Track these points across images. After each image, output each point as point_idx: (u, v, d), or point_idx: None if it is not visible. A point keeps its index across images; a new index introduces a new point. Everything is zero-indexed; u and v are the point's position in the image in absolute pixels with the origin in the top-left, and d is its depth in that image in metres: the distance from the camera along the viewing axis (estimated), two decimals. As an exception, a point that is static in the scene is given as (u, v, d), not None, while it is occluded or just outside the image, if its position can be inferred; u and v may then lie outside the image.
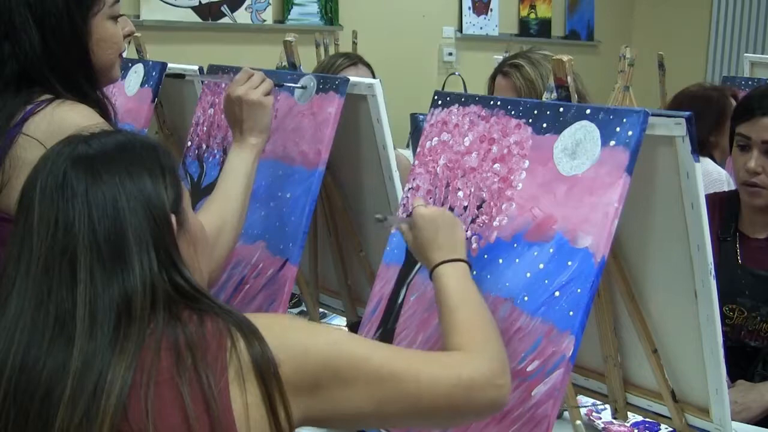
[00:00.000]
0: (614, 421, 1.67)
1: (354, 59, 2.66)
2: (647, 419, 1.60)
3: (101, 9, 1.54)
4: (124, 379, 0.98)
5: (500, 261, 1.37)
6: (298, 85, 1.79)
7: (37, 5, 1.48)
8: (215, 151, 1.97)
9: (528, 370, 1.26)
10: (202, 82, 2.12)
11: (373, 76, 2.61)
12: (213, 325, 1.05)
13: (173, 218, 1.09)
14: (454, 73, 5.88)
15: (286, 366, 1.03)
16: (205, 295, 1.10)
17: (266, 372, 1.02)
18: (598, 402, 1.62)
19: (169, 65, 2.23)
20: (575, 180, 1.31)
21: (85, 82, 1.53)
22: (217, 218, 1.53)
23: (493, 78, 2.48)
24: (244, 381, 1.01)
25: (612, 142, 1.27)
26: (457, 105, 1.55)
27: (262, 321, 1.08)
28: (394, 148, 1.75)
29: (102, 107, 1.54)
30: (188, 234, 1.14)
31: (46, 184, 1.06)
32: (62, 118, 1.44)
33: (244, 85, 1.64)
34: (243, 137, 1.63)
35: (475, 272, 1.40)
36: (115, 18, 1.57)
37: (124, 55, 1.69)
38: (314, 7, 5.58)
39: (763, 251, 1.98)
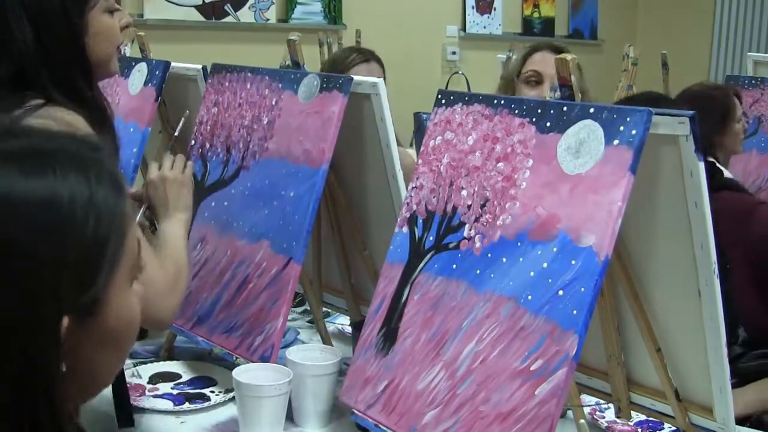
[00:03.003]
0: (618, 420, 1.67)
1: (367, 56, 2.66)
2: (651, 418, 1.60)
3: (97, 2, 1.52)
4: None
5: (504, 260, 1.37)
6: None
7: (31, 3, 1.46)
8: (219, 150, 1.97)
9: (531, 369, 1.27)
10: (206, 81, 2.12)
11: (384, 72, 2.61)
12: None
13: (65, 320, 0.72)
14: (457, 72, 5.87)
15: None
16: None
17: None
18: (602, 401, 1.62)
19: (173, 64, 2.24)
20: (579, 179, 1.31)
21: (81, 79, 1.51)
22: (171, 264, 1.58)
23: (525, 57, 2.51)
24: None
25: (615, 141, 1.28)
26: (460, 104, 1.55)
27: None
28: (400, 146, 1.76)
29: (98, 107, 1.52)
30: (101, 327, 0.76)
31: None
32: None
33: (161, 169, 1.76)
34: (172, 213, 1.72)
35: (479, 271, 1.40)
36: (111, 11, 1.56)
37: (128, 53, 1.69)
38: (317, 6, 5.58)
39: None
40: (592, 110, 1.33)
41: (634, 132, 1.26)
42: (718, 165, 2.38)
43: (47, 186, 0.71)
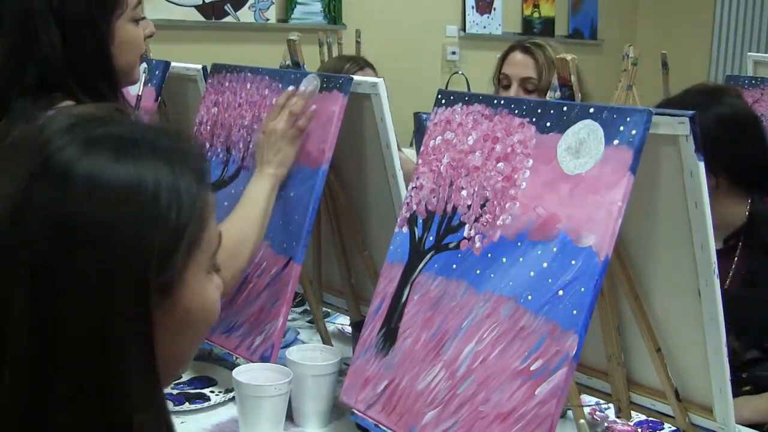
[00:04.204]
0: (618, 420, 1.67)
1: (361, 64, 2.68)
2: (651, 418, 1.60)
3: (124, 12, 1.54)
4: None
5: (504, 260, 1.37)
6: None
7: (59, 8, 1.48)
8: (218, 150, 1.97)
9: (532, 368, 1.27)
10: (206, 81, 2.12)
11: (376, 76, 2.62)
12: None
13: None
14: (457, 72, 5.88)
15: None
16: None
17: None
18: (602, 401, 1.62)
19: (173, 64, 2.24)
20: (579, 179, 1.31)
21: (105, 86, 1.53)
22: (238, 230, 1.61)
23: (504, 57, 2.50)
24: None
25: (616, 141, 1.28)
26: (460, 104, 1.55)
27: None
28: (400, 152, 1.76)
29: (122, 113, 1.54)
30: (178, 309, 0.79)
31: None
32: None
33: (274, 120, 1.73)
34: (263, 168, 1.72)
35: (478, 271, 1.40)
36: (136, 20, 1.57)
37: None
38: (317, 6, 5.59)
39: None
40: (592, 110, 1.33)
41: (634, 132, 1.26)
42: None
43: (136, 171, 0.76)
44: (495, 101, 1.49)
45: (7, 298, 0.72)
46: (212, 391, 1.78)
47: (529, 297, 1.31)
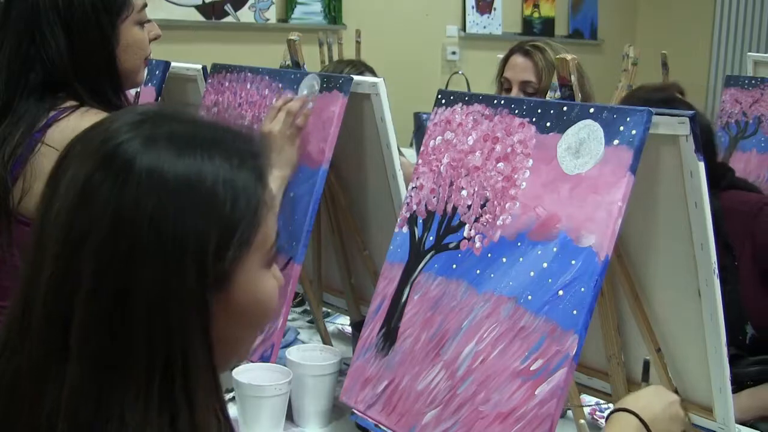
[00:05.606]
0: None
1: (360, 68, 2.69)
2: (651, 418, 1.60)
3: (129, 15, 1.55)
4: None
5: (504, 260, 1.37)
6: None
7: (65, 11, 1.49)
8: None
9: (532, 369, 1.27)
10: (206, 81, 2.12)
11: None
12: None
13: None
14: (457, 72, 5.87)
15: None
16: None
17: None
18: (602, 401, 1.62)
19: (173, 64, 2.24)
20: (579, 179, 1.31)
21: (109, 88, 1.54)
22: None
23: (505, 59, 2.50)
24: None
25: (616, 141, 1.28)
26: (460, 104, 1.55)
27: None
28: (401, 155, 1.76)
29: None
30: (233, 299, 0.82)
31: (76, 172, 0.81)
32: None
33: (272, 122, 1.71)
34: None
35: (479, 271, 1.40)
36: (142, 23, 1.58)
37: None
38: (318, 6, 5.58)
39: None
40: (592, 110, 1.33)
41: (634, 132, 1.26)
42: (729, 165, 2.37)
43: (195, 166, 0.79)
44: (495, 101, 1.49)
45: (77, 279, 0.76)
46: (212, 391, 1.78)
47: (529, 297, 1.31)
